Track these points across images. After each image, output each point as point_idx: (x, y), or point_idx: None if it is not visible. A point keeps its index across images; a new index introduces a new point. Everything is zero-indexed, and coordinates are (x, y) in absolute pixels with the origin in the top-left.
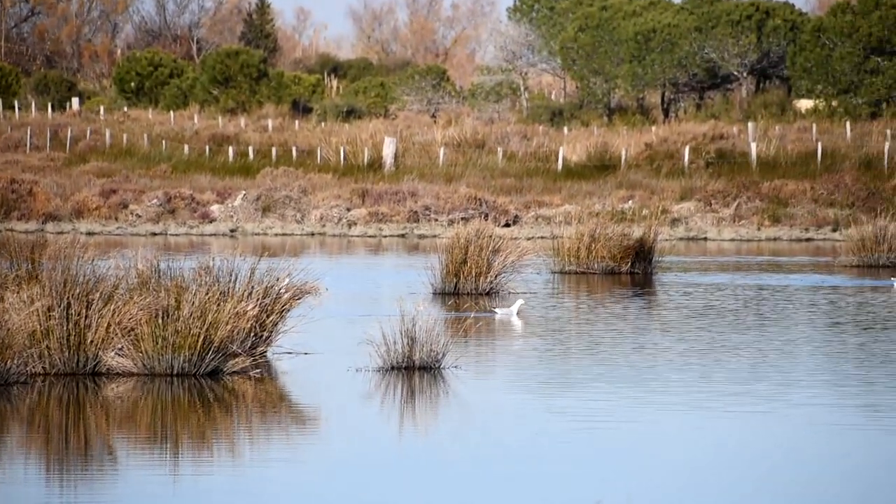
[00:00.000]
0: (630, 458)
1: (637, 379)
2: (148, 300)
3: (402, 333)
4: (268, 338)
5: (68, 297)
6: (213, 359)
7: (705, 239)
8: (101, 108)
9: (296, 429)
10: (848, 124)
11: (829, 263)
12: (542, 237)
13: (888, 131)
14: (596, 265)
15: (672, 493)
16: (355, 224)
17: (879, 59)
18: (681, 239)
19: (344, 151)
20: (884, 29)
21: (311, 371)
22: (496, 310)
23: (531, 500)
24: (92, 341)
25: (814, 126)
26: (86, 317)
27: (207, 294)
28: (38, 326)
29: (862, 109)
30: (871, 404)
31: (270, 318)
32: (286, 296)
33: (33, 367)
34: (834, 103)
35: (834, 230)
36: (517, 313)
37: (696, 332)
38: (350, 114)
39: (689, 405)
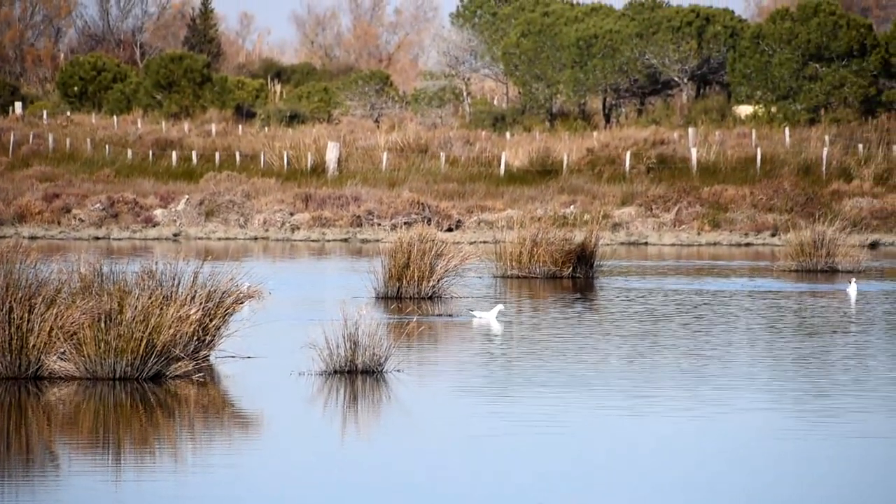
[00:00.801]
0: (572, 461)
1: (579, 383)
2: (90, 304)
3: (344, 337)
4: (211, 342)
5: (10, 301)
6: (155, 363)
7: (646, 243)
8: (45, 113)
9: (238, 433)
10: (787, 130)
11: (769, 268)
12: (484, 242)
13: (826, 137)
14: (538, 270)
15: (612, 495)
16: (298, 228)
17: (818, 66)
18: (622, 243)
19: (287, 156)
20: (822, 35)
21: (254, 375)
22: (474, 313)
23: (473, 503)
24: (34, 345)
25: (753, 132)
26: (28, 321)
27: (150, 298)
28: None
29: (801, 115)
30: (811, 409)
31: (213, 322)
32: (229, 300)
33: None
34: (773, 109)
35: (773, 235)
36: (496, 318)
37: (638, 336)
38: (293, 119)
39: (630, 409)
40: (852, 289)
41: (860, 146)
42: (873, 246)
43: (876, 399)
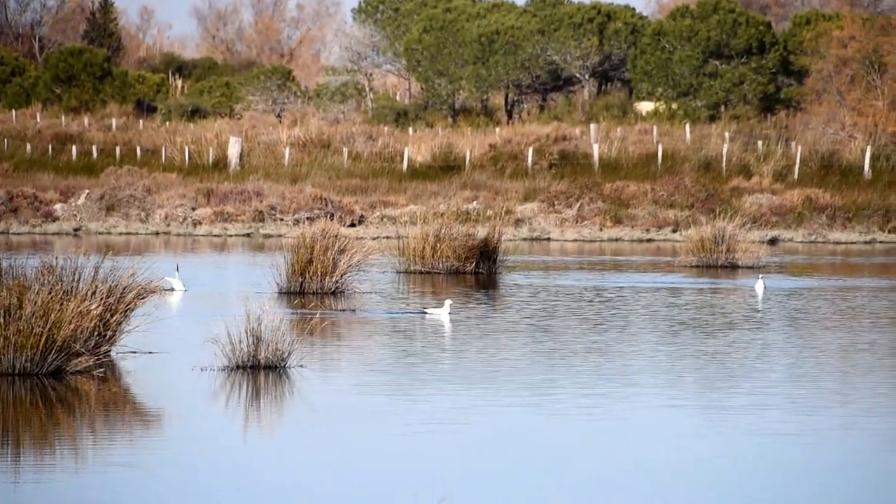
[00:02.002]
0: (474, 458)
1: (480, 380)
2: None
3: (247, 332)
4: (112, 337)
5: None
6: (55, 358)
7: (548, 239)
8: None
9: (140, 430)
10: (687, 126)
11: (670, 264)
12: (387, 237)
13: (726, 133)
14: (441, 265)
15: (511, 493)
16: (200, 223)
17: (718, 63)
18: (524, 239)
19: (189, 151)
20: (722, 33)
21: (156, 370)
22: (427, 310)
23: (373, 499)
24: None
25: (654, 128)
26: None
27: (50, 293)
28: None
29: (701, 112)
30: (709, 405)
31: (114, 318)
32: (130, 295)
33: None
34: (674, 106)
35: (674, 231)
36: (447, 312)
37: (541, 332)
38: (195, 113)
39: (533, 407)
40: (759, 285)
41: (759, 143)
42: (772, 242)
43: (777, 396)
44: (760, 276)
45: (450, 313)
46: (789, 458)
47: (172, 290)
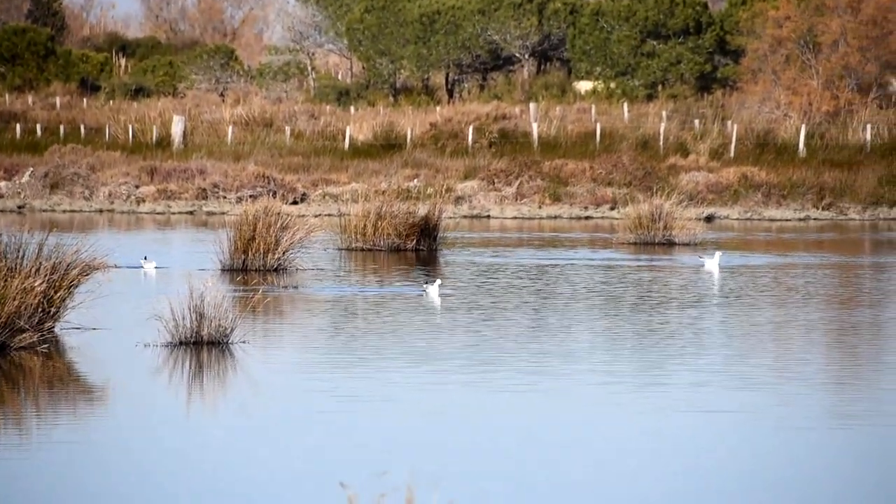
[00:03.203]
0: (411, 432)
1: (421, 356)
2: None
3: (190, 309)
4: (56, 313)
5: None
6: None
7: (488, 217)
8: None
9: (84, 405)
10: (625, 105)
11: (608, 241)
12: (329, 215)
13: (664, 112)
14: (382, 242)
15: (450, 469)
16: (144, 201)
17: (655, 43)
18: (465, 217)
19: (133, 129)
20: (659, 13)
21: (100, 346)
22: (425, 286)
23: (315, 474)
24: None
25: (593, 107)
26: None
27: None
28: None
29: (639, 91)
30: (648, 382)
31: (58, 294)
32: (74, 272)
33: None
34: (612, 85)
35: (612, 208)
36: (437, 292)
37: (480, 309)
38: (138, 92)
39: (472, 383)
40: (714, 262)
41: (696, 122)
42: (709, 219)
43: (715, 373)
44: (717, 252)
45: (439, 294)
46: (727, 433)
47: (145, 273)
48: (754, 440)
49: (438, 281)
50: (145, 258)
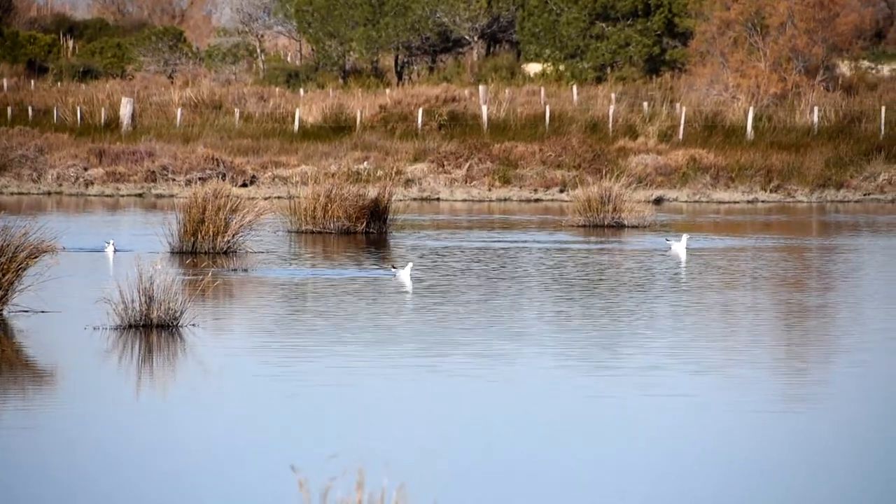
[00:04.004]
0: (361, 417)
1: (372, 341)
2: None
3: (139, 292)
4: (3, 296)
5: None
6: None
7: (438, 199)
8: None
9: (33, 388)
10: (574, 88)
11: (557, 223)
12: (279, 197)
13: (613, 95)
14: (332, 225)
15: (401, 453)
16: (92, 183)
17: (604, 25)
18: (414, 199)
19: (81, 111)
20: None
21: (49, 329)
22: (394, 270)
23: (265, 457)
24: None
25: (542, 90)
26: None
27: None
28: None
29: (588, 74)
30: (599, 365)
31: (6, 277)
32: (23, 254)
33: None
34: (561, 67)
35: (561, 191)
36: (409, 274)
37: (430, 292)
38: (86, 74)
39: (423, 367)
40: (681, 245)
41: (645, 104)
42: (658, 202)
43: (664, 358)
44: (684, 235)
45: (410, 274)
46: (679, 417)
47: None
48: (706, 423)
49: (410, 264)
50: (108, 242)
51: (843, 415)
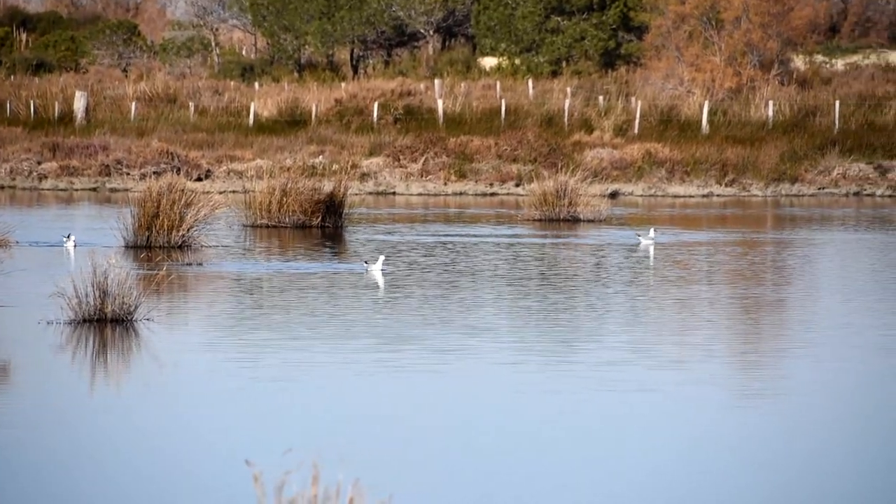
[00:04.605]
0: (315, 412)
1: (328, 335)
2: None
3: (93, 286)
4: None
5: None
6: None
7: (394, 193)
8: None
9: None
10: (530, 82)
11: (513, 217)
12: (234, 191)
13: (568, 89)
14: (287, 219)
15: (354, 445)
16: (46, 177)
17: (560, 19)
18: (370, 193)
19: (34, 105)
20: None
21: (1, 324)
22: (366, 265)
23: (220, 452)
24: None
25: (498, 83)
26: None
27: None
28: None
29: (543, 68)
30: (554, 360)
31: None
32: None
33: None
34: (517, 61)
35: (517, 185)
36: (381, 268)
37: (387, 287)
38: (40, 67)
39: (377, 362)
40: (649, 240)
41: (601, 98)
42: (613, 195)
43: (621, 352)
44: (652, 229)
45: (382, 269)
46: (637, 411)
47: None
48: (663, 417)
49: (382, 258)
50: (67, 236)
51: (800, 408)
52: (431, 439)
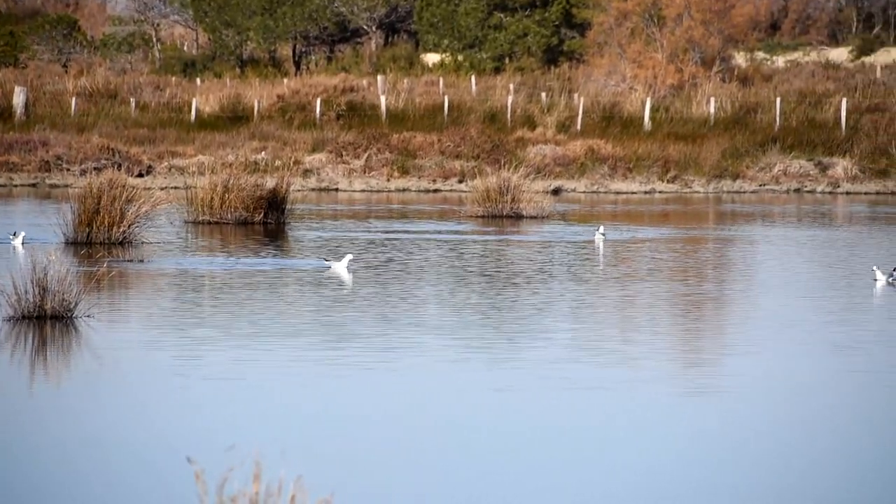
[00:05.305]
0: (256, 409)
1: (269, 333)
2: None
3: (33, 282)
4: None
5: None
6: None
7: (337, 189)
8: None
9: None
10: (473, 78)
11: (456, 213)
12: (175, 187)
13: (511, 85)
14: (229, 215)
15: (297, 444)
16: None
17: (502, 16)
18: (313, 189)
19: None
20: None
21: None
22: (329, 262)
23: (162, 449)
24: None
25: (441, 80)
26: None
27: None
28: None
29: (486, 64)
30: (500, 358)
31: None
32: None
33: None
34: (460, 58)
35: (460, 181)
36: (346, 266)
37: (331, 284)
38: None
39: (317, 361)
40: (598, 236)
41: (543, 95)
42: (556, 192)
43: (567, 348)
44: (601, 226)
45: (348, 267)
46: (581, 408)
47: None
48: (611, 415)
49: (349, 256)
50: (14, 234)
51: (740, 405)
52: (374, 437)
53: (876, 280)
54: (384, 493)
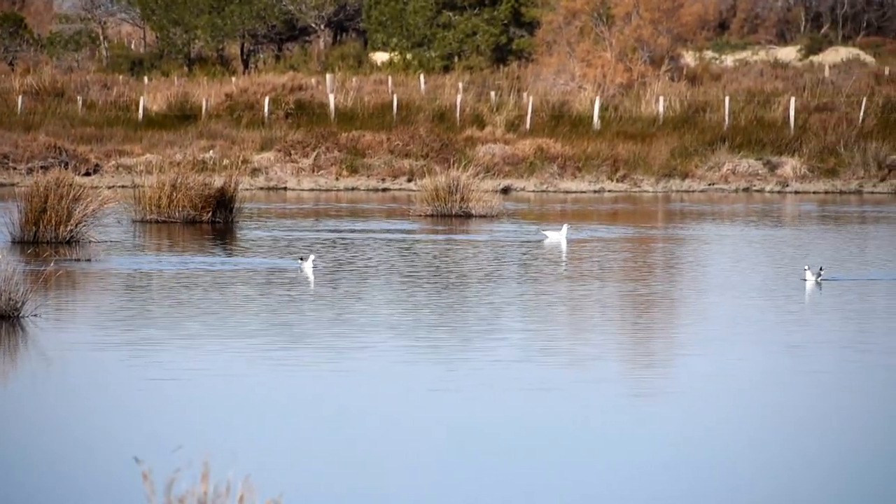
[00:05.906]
0: (203, 410)
1: (218, 333)
2: None
3: None
4: None
5: None
6: None
7: (285, 188)
8: None
9: None
10: (422, 77)
11: (405, 212)
12: (123, 186)
13: (460, 84)
14: (177, 214)
15: (245, 444)
16: None
17: (451, 14)
18: (261, 188)
19: None
20: None
21: None
22: (300, 262)
23: (108, 450)
24: None
25: (389, 78)
26: None
27: None
28: None
29: (435, 63)
30: (449, 358)
31: None
32: None
33: None
34: (408, 56)
35: (409, 180)
36: (311, 266)
37: (280, 284)
38: None
39: (264, 360)
40: (561, 236)
41: (492, 94)
42: (505, 191)
43: (518, 349)
44: (566, 224)
45: (313, 268)
46: (530, 409)
47: None
48: (562, 416)
49: (312, 256)
50: None
51: (692, 405)
52: (323, 437)
53: (805, 280)
54: (333, 493)
